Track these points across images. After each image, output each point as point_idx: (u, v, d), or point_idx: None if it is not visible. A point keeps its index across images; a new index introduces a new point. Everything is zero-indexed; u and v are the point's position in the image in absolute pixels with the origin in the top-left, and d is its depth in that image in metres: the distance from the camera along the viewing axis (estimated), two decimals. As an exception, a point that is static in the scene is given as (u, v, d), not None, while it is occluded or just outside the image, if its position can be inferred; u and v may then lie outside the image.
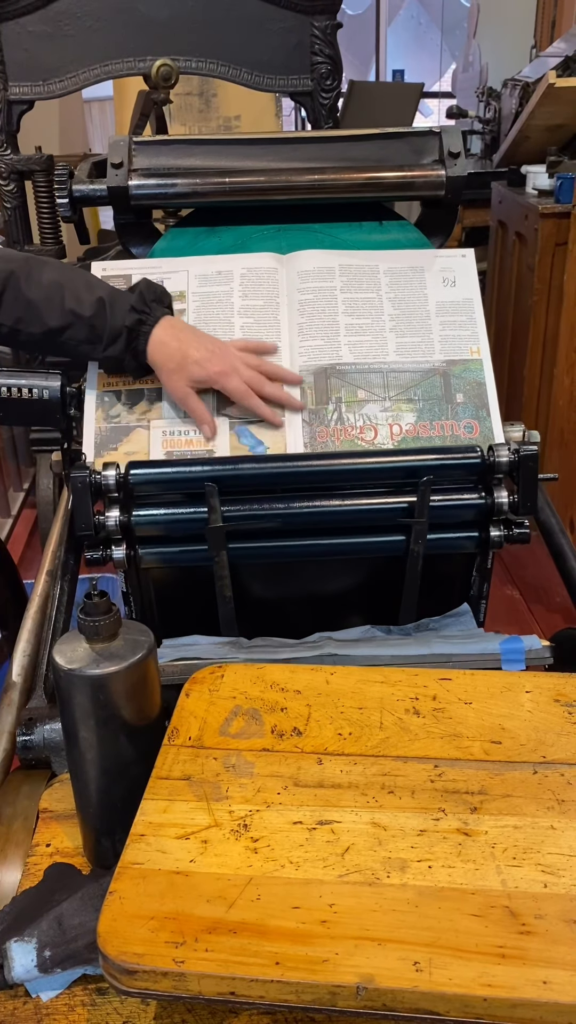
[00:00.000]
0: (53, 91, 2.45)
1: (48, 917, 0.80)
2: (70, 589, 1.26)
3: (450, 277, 1.40)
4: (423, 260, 1.40)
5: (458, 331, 1.37)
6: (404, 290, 1.38)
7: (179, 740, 0.88)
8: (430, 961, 0.66)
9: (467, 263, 1.42)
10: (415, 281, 1.39)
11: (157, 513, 1.23)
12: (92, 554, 1.24)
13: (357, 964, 0.66)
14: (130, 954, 0.67)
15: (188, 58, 2.44)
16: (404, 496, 1.24)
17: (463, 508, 1.26)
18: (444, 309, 1.38)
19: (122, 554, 1.23)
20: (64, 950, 0.78)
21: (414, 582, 1.27)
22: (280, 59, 2.43)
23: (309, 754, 0.86)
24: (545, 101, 2.82)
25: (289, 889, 0.72)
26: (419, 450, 1.27)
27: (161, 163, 1.37)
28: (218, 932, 0.68)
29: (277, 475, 1.23)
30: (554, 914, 0.69)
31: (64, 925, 0.80)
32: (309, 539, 1.27)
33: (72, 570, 1.27)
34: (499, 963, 0.65)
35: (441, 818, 0.78)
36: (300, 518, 1.24)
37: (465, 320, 1.37)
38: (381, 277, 1.38)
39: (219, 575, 1.25)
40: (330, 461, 1.26)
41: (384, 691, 0.94)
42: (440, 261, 1.40)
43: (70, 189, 1.34)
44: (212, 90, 3.81)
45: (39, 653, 1.19)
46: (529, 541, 1.32)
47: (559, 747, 0.86)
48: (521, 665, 1.13)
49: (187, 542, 1.26)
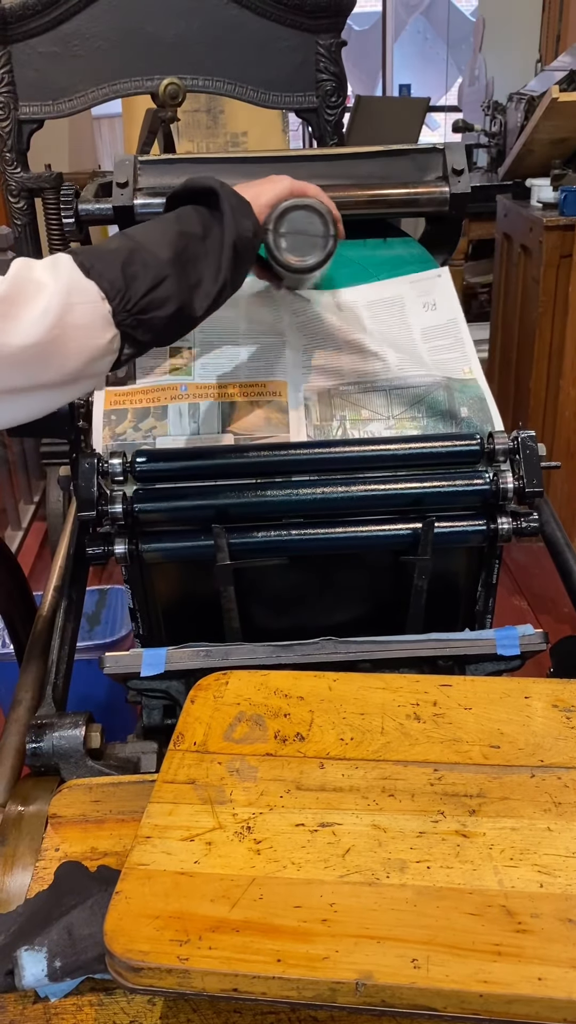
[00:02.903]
0: (62, 110, 2.50)
1: (58, 926, 0.82)
2: (78, 600, 1.28)
3: (430, 301, 1.41)
4: (399, 288, 1.42)
5: (448, 354, 1.38)
6: (386, 323, 1.39)
7: (184, 745, 0.90)
8: (428, 958, 0.67)
9: (444, 282, 1.43)
10: (395, 311, 1.40)
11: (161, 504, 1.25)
12: (93, 549, 1.25)
13: (356, 961, 0.67)
14: (136, 952, 0.69)
15: (195, 76, 2.48)
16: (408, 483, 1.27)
17: (468, 494, 1.28)
18: (430, 334, 1.39)
19: (123, 548, 1.25)
20: (74, 961, 0.80)
21: (419, 613, 1.30)
22: (285, 77, 2.47)
23: (311, 759, 0.88)
24: (549, 115, 2.85)
25: (291, 889, 0.74)
26: (419, 437, 1.30)
27: (166, 182, 1.40)
28: (221, 931, 0.70)
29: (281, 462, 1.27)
30: (550, 913, 0.71)
31: (74, 935, 0.81)
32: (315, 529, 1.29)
33: (79, 581, 1.29)
34: (495, 960, 0.67)
35: (440, 820, 0.80)
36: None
37: (453, 342, 1.39)
38: (361, 311, 1.40)
39: (226, 608, 1.27)
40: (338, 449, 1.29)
41: (385, 697, 0.95)
42: (417, 286, 1.42)
43: (76, 209, 1.37)
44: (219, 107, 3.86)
45: (47, 664, 1.21)
46: (538, 534, 1.33)
47: (556, 751, 0.87)
48: (516, 650, 1.15)
49: (191, 536, 1.27)
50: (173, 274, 1.00)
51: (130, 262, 0.98)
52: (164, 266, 1.00)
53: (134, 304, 0.97)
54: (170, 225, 1.05)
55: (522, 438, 1.28)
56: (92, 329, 0.94)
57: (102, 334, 0.95)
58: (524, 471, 1.27)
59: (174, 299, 1.01)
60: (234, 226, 1.07)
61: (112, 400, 1.32)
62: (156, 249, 1.00)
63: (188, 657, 1.14)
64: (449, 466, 1.29)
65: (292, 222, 1.20)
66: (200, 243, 1.05)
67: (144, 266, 0.98)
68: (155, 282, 0.98)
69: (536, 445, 1.29)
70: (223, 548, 1.24)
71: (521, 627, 1.16)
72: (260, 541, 1.27)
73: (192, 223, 1.06)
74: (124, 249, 0.99)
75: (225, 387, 1.33)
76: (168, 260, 1.00)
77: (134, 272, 0.97)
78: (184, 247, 1.03)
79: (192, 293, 1.03)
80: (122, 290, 0.96)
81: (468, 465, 1.30)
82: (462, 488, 1.28)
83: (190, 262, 1.03)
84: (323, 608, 1.41)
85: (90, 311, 0.93)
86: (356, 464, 1.29)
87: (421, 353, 1.36)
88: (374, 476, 1.28)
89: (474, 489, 1.28)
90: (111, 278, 0.95)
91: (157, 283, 0.99)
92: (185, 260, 1.03)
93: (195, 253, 1.04)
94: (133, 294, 0.97)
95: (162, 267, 1.00)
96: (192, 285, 1.03)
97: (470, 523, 1.30)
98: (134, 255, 0.99)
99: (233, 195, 1.10)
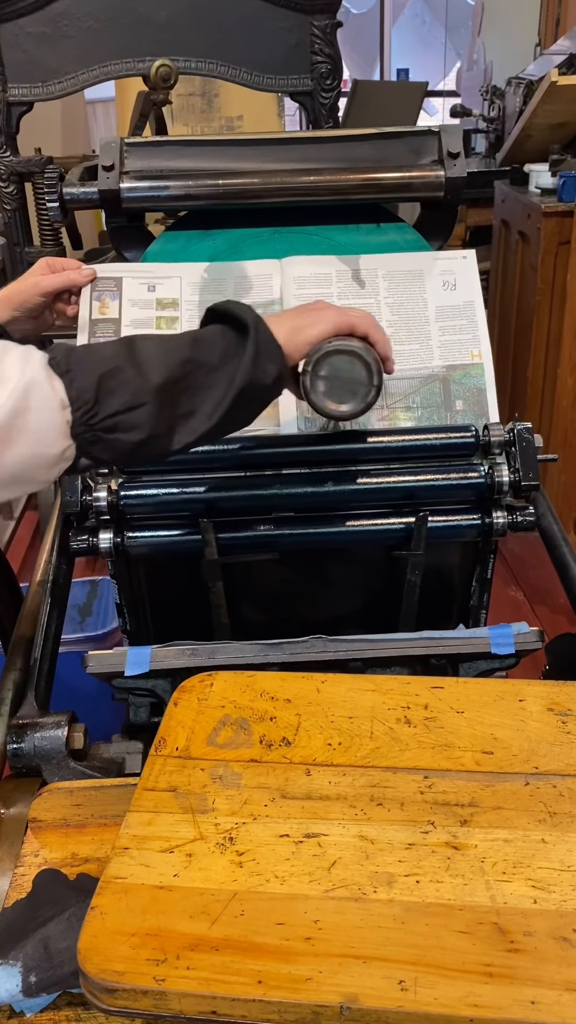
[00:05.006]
0: (52, 92, 2.45)
1: (34, 939, 0.79)
2: (62, 596, 1.25)
3: (450, 280, 1.38)
4: (422, 263, 1.39)
5: (458, 335, 1.35)
6: (403, 295, 1.36)
7: (166, 751, 0.87)
8: (416, 980, 0.64)
9: (468, 265, 1.40)
10: (414, 285, 1.37)
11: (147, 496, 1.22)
12: (78, 542, 1.22)
13: (341, 983, 0.64)
14: (110, 972, 0.66)
15: (187, 58, 2.43)
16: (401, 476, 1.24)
17: (462, 488, 1.24)
18: (444, 313, 1.36)
19: (109, 540, 1.21)
20: (50, 976, 0.77)
21: (411, 609, 1.27)
22: (279, 59, 2.42)
23: (298, 765, 0.85)
24: (547, 99, 2.81)
25: (273, 904, 0.71)
26: (413, 429, 1.27)
27: (154, 165, 1.36)
28: (200, 949, 0.67)
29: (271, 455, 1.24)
30: (543, 931, 0.68)
31: (50, 949, 0.78)
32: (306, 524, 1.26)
33: (64, 577, 1.26)
34: (486, 982, 0.64)
35: (430, 831, 0.77)
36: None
37: (466, 324, 1.35)
38: (379, 282, 1.37)
39: (215, 604, 1.24)
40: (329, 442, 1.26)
41: (375, 700, 0.92)
42: (440, 264, 1.39)
43: (60, 192, 1.33)
44: (214, 90, 3.81)
45: (30, 661, 1.18)
46: (534, 528, 1.30)
47: (552, 758, 0.84)
48: (510, 648, 1.12)
49: (178, 530, 1.24)
50: (154, 401, 0.91)
51: (111, 375, 0.89)
52: (147, 391, 0.90)
53: (99, 421, 0.88)
54: (182, 347, 0.95)
55: (518, 430, 1.25)
56: (42, 436, 0.86)
57: (53, 443, 0.87)
58: (520, 464, 1.24)
59: (146, 427, 0.91)
60: (251, 369, 0.95)
61: None
62: (148, 369, 0.91)
63: (173, 656, 1.11)
64: (443, 459, 1.26)
65: (333, 366, 1.07)
66: (207, 375, 0.95)
67: (124, 384, 0.89)
68: (130, 405, 0.90)
69: (532, 437, 1.26)
70: (211, 543, 1.21)
71: (516, 625, 1.13)
72: (249, 536, 1.24)
73: (209, 351, 0.96)
74: (112, 359, 0.91)
75: None
76: (155, 386, 0.91)
77: (111, 388, 0.89)
78: (184, 375, 0.93)
79: (174, 424, 0.94)
80: (89, 403, 0.87)
81: (463, 458, 1.27)
82: (456, 482, 1.24)
83: (185, 392, 0.94)
84: (315, 604, 1.38)
85: (45, 418, 0.85)
86: (348, 457, 1.26)
87: (430, 332, 1.33)
88: (366, 470, 1.25)
89: (469, 483, 1.24)
90: (82, 387, 0.87)
91: (132, 407, 0.90)
92: (179, 390, 0.93)
93: (196, 384, 0.94)
94: (101, 410, 0.88)
95: (144, 392, 0.90)
96: (179, 415, 0.94)
97: (464, 517, 1.27)
98: (119, 371, 0.90)
99: (264, 333, 0.98)
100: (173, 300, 1.34)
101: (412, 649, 1.12)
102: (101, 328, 1.32)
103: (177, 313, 1.33)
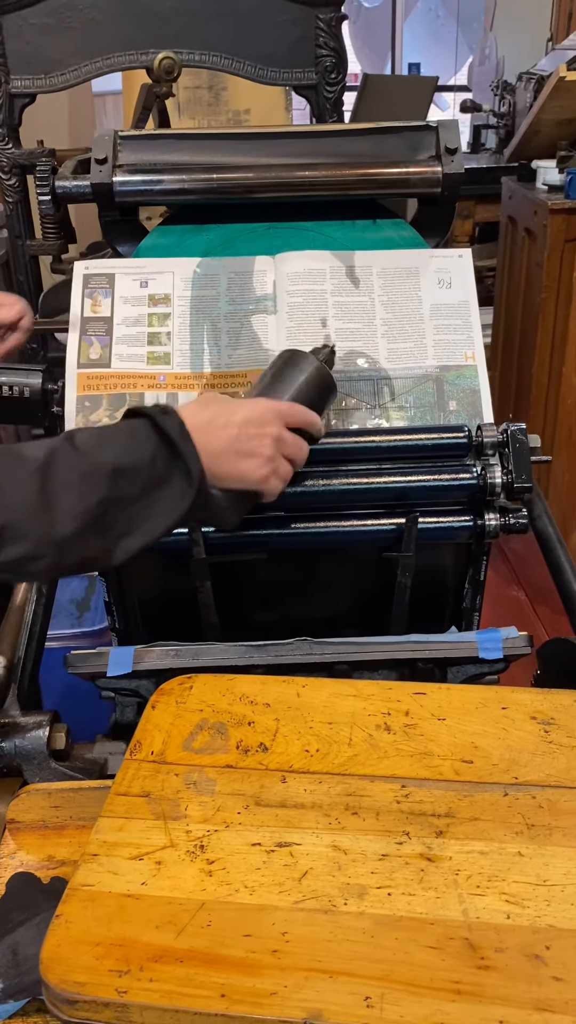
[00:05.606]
0: (55, 84, 2.43)
1: (2, 945, 0.78)
2: (48, 594, 1.24)
3: (446, 278, 1.36)
4: (418, 260, 1.37)
5: (453, 335, 1.33)
6: (397, 292, 1.34)
7: (141, 755, 0.86)
8: (382, 996, 0.63)
9: (464, 263, 1.38)
10: (409, 283, 1.35)
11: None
12: None
13: (306, 998, 0.63)
14: (71, 983, 0.65)
15: (191, 51, 2.42)
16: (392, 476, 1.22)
17: (455, 489, 1.23)
18: (439, 312, 1.34)
19: None
20: (17, 983, 0.76)
21: (402, 611, 1.25)
22: (284, 52, 2.40)
23: (274, 771, 0.83)
24: (555, 95, 2.78)
25: (242, 915, 0.69)
26: (405, 429, 1.25)
27: (147, 159, 1.34)
28: (165, 960, 0.66)
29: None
30: (515, 947, 0.66)
31: (19, 956, 0.77)
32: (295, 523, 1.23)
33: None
34: (454, 1000, 0.62)
35: (405, 842, 0.75)
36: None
37: (460, 324, 1.33)
38: (374, 279, 1.35)
39: (203, 603, 1.23)
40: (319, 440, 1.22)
41: (356, 705, 0.91)
42: (436, 262, 1.37)
43: (52, 185, 1.31)
44: (222, 84, 3.78)
45: (14, 659, 1.17)
46: (527, 531, 1.28)
47: (532, 767, 0.83)
48: (498, 654, 1.11)
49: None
50: (55, 554, 0.85)
51: (15, 527, 0.82)
52: (49, 544, 0.84)
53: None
54: (100, 483, 0.86)
55: (512, 431, 1.23)
56: None
57: None
58: (513, 465, 1.22)
59: (48, 572, 0.88)
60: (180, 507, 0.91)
61: (85, 384, 1.27)
62: (56, 519, 0.84)
63: (156, 657, 1.10)
64: (436, 459, 1.24)
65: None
66: (125, 508, 0.87)
67: (26, 536, 0.83)
68: (32, 555, 0.84)
69: (526, 438, 1.24)
70: (198, 542, 1.19)
71: (505, 629, 1.11)
72: (238, 535, 1.22)
73: (130, 485, 0.88)
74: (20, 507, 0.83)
75: (204, 377, 1.28)
76: (61, 538, 0.84)
77: (14, 536, 0.82)
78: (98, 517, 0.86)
79: (88, 557, 0.88)
80: None
81: (455, 459, 1.25)
82: (448, 482, 1.23)
83: (99, 534, 0.87)
84: (306, 604, 1.36)
85: None
86: (338, 456, 1.24)
87: (424, 331, 1.31)
88: (357, 469, 1.24)
89: (461, 484, 1.23)
90: None
91: (34, 557, 0.84)
92: (93, 532, 0.86)
93: (110, 522, 0.87)
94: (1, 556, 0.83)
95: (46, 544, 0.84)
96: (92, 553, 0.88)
97: (456, 519, 1.25)
98: (24, 521, 0.83)
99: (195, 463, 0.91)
100: (166, 296, 1.33)
101: (398, 652, 1.10)
102: (92, 326, 1.30)
103: (169, 309, 1.32)
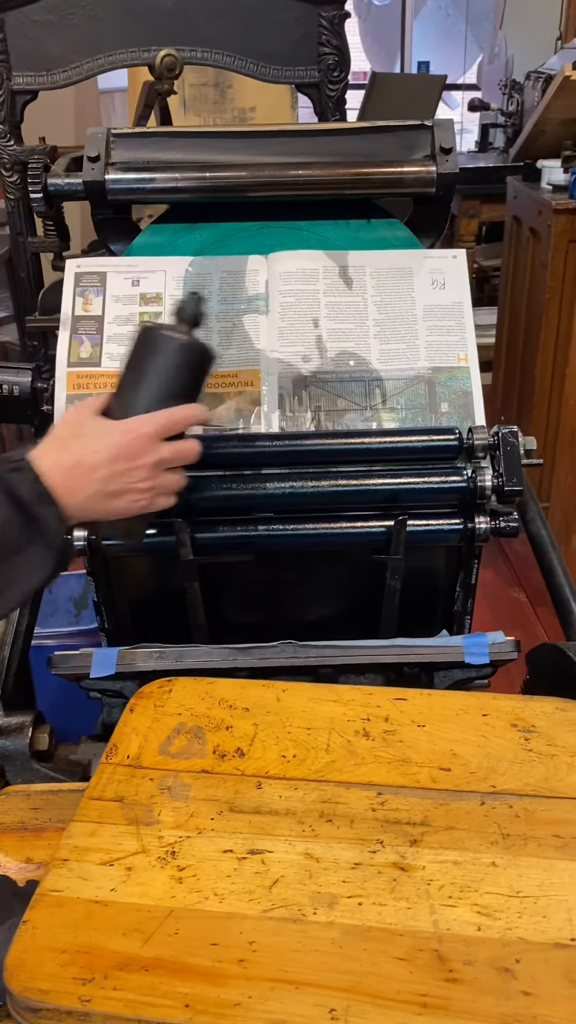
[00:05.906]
0: (56, 81, 2.42)
1: (-29, 947, 0.77)
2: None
3: (440, 279, 1.35)
4: (412, 261, 1.36)
5: (445, 336, 1.31)
6: (390, 293, 1.33)
7: (116, 759, 0.85)
8: (347, 1008, 0.62)
9: (458, 264, 1.37)
10: (402, 283, 1.34)
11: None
12: None
13: (270, 1009, 0.62)
14: (35, 990, 0.64)
15: (193, 48, 2.40)
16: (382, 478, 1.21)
17: (445, 491, 1.21)
18: (432, 313, 1.33)
19: (83, 539, 1.19)
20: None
21: (392, 614, 1.24)
22: (286, 50, 2.38)
23: (249, 777, 0.83)
24: (561, 94, 2.76)
25: (210, 923, 0.69)
26: (396, 431, 1.24)
27: (141, 156, 1.34)
28: (130, 969, 0.65)
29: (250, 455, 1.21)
30: (484, 960, 0.65)
31: (-12, 957, 0.77)
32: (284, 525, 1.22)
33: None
34: (420, 1013, 0.62)
35: (378, 850, 0.75)
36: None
37: (453, 325, 1.32)
38: (367, 279, 1.34)
39: (191, 604, 1.22)
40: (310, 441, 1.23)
41: (335, 711, 0.90)
42: (430, 262, 1.36)
43: (44, 183, 1.31)
44: (227, 81, 3.76)
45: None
46: (517, 535, 1.27)
47: (510, 776, 0.82)
48: (485, 659, 1.10)
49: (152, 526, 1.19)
50: None
51: None
52: None
53: None
54: None
55: (503, 434, 1.22)
56: None
57: None
58: (504, 468, 1.21)
59: None
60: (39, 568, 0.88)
61: (75, 383, 1.27)
62: None
63: (140, 658, 1.09)
64: (426, 462, 1.23)
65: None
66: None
67: None
68: None
69: (518, 441, 1.23)
70: (185, 543, 1.18)
71: (492, 634, 1.10)
72: (226, 537, 1.22)
73: None
74: None
75: None
76: None
77: None
78: None
79: None
80: None
81: (446, 461, 1.24)
82: (438, 485, 1.22)
83: None
84: (295, 606, 1.35)
85: None
86: (329, 458, 1.23)
87: (417, 332, 1.30)
88: (347, 471, 1.23)
89: (451, 486, 1.22)
90: None
91: None
92: None
93: None
94: None
95: None
96: None
97: (446, 522, 1.24)
98: None
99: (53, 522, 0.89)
100: (157, 295, 1.32)
101: (384, 657, 1.10)
102: (83, 325, 1.30)
103: (160, 308, 1.31)
